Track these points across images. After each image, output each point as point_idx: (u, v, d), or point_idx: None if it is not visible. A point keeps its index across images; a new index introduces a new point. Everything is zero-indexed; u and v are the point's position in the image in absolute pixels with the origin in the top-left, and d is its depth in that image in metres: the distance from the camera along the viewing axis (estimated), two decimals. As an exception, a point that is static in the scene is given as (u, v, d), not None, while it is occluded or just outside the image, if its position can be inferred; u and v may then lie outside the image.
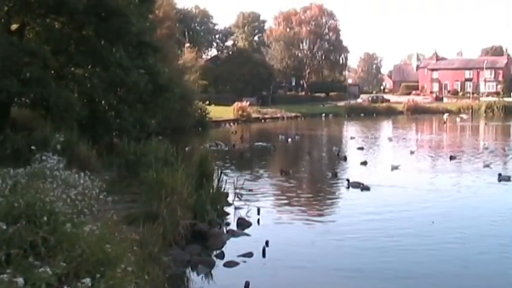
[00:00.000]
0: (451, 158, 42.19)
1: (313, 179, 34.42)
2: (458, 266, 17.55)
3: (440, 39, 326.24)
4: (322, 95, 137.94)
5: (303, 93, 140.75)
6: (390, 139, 60.22)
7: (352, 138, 62.44)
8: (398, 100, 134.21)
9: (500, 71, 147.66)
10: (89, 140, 26.61)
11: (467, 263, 17.81)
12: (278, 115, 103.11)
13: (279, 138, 60.62)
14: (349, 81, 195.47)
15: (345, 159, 42.66)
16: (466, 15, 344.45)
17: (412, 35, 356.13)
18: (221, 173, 27.17)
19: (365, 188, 30.16)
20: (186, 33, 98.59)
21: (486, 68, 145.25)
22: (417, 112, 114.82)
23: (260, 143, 55.26)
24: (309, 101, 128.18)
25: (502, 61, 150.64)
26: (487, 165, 37.80)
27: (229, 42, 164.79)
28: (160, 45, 39.51)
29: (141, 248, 14.00)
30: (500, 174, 32.77)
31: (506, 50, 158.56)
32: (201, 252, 18.10)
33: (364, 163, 39.71)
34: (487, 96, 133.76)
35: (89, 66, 33.02)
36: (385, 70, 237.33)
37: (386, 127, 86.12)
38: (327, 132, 74.13)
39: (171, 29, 71.45)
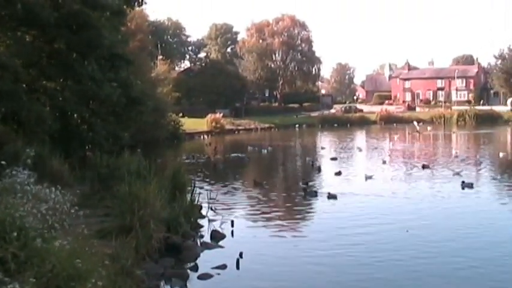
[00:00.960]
0: (424, 166, 42.50)
1: (287, 190, 34.41)
2: (436, 275, 17.66)
3: (411, 49, 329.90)
4: (296, 105, 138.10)
5: (277, 104, 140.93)
6: (360, 149, 60.53)
7: (322, 148, 62.79)
8: (371, 110, 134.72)
9: (472, 80, 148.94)
10: (62, 153, 26.41)
11: (444, 270, 17.97)
12: (252, 126, 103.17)
13: (253, 149, 60.67)
14: (323, 91, 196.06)
15: (319, 169, 42.72)
16: (436, 24, 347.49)
17: (384, 45, 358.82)
18: (194, 185, 27.17)
19: (332, 196, 30.52)
20: (159, 45, 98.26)
21: (457, 77, 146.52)
22: (390, 122, 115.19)
23: (235, 154, 55.43)
24: (282, 112, 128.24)
25: (473, 70, 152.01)
26: (457, 173, 38.24)
27: (202, 54, 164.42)
28: (133, 58, 39.44)
29: (114, 262, 13.91)
30: (463, 182, 33.62)
31: (477, 59, 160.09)
32: (175, 265, 18.03)
33: (339, 173, 39.77)
34: (465, 103, 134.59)
35: (61, 80, 32.93)
36: (358, 80, 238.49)
37: (359, 137, 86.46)
38: (300, 143, 74.18)
39: (143, 42, 71.43)
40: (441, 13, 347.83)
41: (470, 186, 32.93)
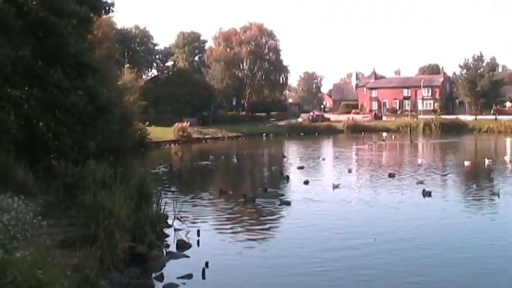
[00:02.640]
0: (390, 175, 42.91)
1: (252, 198, 34.34)
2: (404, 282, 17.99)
3: (378, 58, 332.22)
4: (263, 114, 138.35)
5: (244, 113, 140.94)
6: (326, 158, 60.82)
7: (290, 157, 62.85)
8: (338, 119, 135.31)
9: (437, 89, 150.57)
10: (26, 162, 26.19)
11: (410, 276, 18.23)
12: (219, 135, 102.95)
13: (214, 157, 60.68)
14: (290, 100, 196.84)
15: (288, 178, 42.77)
16: (403, 33, 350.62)
17: (351, 53, 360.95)
18: (161, 194, 27.07)
19: (284, 202, 31.48)
20: (126, 53, 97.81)
21: (423, 87, 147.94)
22: (357, 131, 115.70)
23: (204, 162, 55.50)
24: (249, 120, 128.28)
25: (439, 79, 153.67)
26: (421, 182, 38.80)
27: (169, 63, 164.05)
28: (100, 66, 39.25)
29: (78, 273, 13.78)
30: (424, 190, 34.46)
31: (443, 68, 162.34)
32: (140, 275, 17.92)
33: (306, 182, 39.90)
34: (431, 113, 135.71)
35: (26, 88, 32.62)
36: (325, 89, 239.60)
37: (326, 146, 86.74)
38: (268, 152, 74.31)
39: (110, 50, 70.95)
40: (407, 22, 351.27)
41: (429, 194, 33.78)
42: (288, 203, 31.44)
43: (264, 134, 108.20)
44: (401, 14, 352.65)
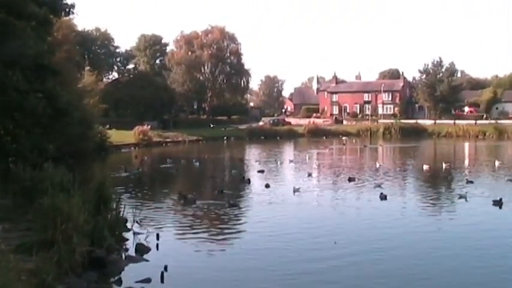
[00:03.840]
0: (350, 179, 43.20)
1: (213, 203, 34.27)
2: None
3: (339, 62, 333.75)
4: (224, 118, 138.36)
5: (205, 116, 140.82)
6: (287, 162, 61.11)
7: (245, 160, 62.99)
8: (299, 123, 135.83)
9: (397, 94, 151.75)
10: (-17, 166, 25.90)
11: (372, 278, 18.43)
12: (180, 139, 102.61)
13: (172, 161, 60.59)
14: (251, 104, 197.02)
15: (249, 182, 42.80)
16: (364, 38, 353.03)
17: (313, 58, 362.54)
18: (120, 198, 26.92)
19: (233, 204, 31.91)
20: (86, 56, 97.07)
21: (384, 91, 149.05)
22: (318, 134, 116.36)
23: (164, 165, 55.41)
24: (210, 124, 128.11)
25: (399, 84, 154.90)
26: (378, 186, 39.49)
27: (130, 66, 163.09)
28: (59, 69, 38.84)
29: (34, 277, 13.67)
30: (381, 193, 35.01)
31: (403, 73, 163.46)
32: (99, 280, 17.84)
33: (267, 186, 39.99)
34: (391, 117, 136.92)
35: (-16, 90, 32.17)
36: (286, 93, 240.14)
37: (287, 150, 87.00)
38: (229, 156, 74.31)
39: (70, 52, 70.32)
40: (367, 27, 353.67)
41: (386, 198, 34.29)
42: (236, 205, 31.64)
43: (225, 138, 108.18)
44: (361, 19, 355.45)
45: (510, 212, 30.39)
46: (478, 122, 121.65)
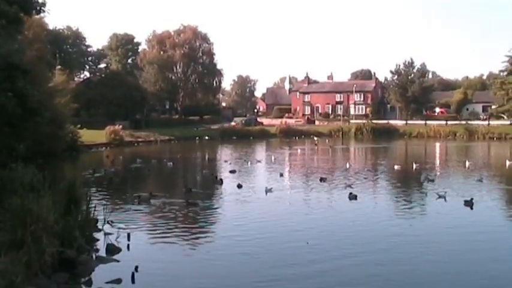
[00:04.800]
0: (321, 179, 43.33)
1: (183, 202, 34.07)
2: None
3: (312, 63, 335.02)
4: (196, 118, 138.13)
5: (177, 116, 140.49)
6: (259, 162, 61.20)
7: (216, 160, 62.90)
8: (271, 123, 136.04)
9: (369, 94, 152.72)
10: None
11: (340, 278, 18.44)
12: (151, 139, 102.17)
13: (151, 161, 60.42)
14: (223, 104, 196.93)
15: (221, 182, 42.70)
16: (336, 39, 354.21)
17: (285, 58, 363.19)
18: (90, 198, 26.76)
19: (193, 204, 32.16)
20: (58, 54, 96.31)
21: (356, 92, 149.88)
22: (290, 135, 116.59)
23: (135, 165, 55.26)
24: (182, 124, 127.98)
25: (371, 85, 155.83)
26: (349, 186, 39.79)
27: (102, 65, 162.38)
28: (30, 68, 38.47)
29: (2, 279, 13.52)
30: (350, 193, 35.36)
31: (375, 73, 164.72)
32: (69, 281, 17.73)
33: (239, 186, 39.96)
34: (363, 117, 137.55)
35: (-47, 89, 31.81)
36: (259, 93, 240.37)
37: (259, 150, 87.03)
38: (201, 156, 74.09)
39: (41, 51, 69.68)
40: (340, 27, 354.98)
41: (355, 198, 34.59)
42: (219, 206, 31.79)
43: (197, 138, 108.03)
44: (333, 19, 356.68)
45: (481, 212, 30.62)
46: (449, 122, 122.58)
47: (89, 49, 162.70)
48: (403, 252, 22.25)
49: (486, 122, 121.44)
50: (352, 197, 34.67)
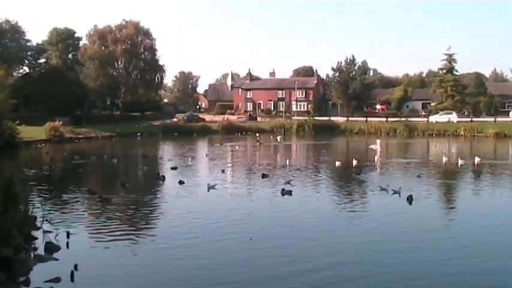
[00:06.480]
0: (263, 176, 43.51)
1: (123, 199, 33.84)
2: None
3: (254, 59, 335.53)
4: (138, 114, 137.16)
5: (118, 112, 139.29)
6: (200, 158, 61.11)
7: (165, 158, 62.56)
8: (213, 119, 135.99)
9: (311, 91, 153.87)
10: None
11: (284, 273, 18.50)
12: (92, 135, 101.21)
13: (79, 158, 59.93)
14: (165, 100, 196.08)
15: (163, 179, 42.45)
16: (278, 35, 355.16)
17: (228, 54, 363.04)
18: (29, 195, 26.34)
19: (103, 198, 32.24)
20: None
21: (298, 88, 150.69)
22: (232, 131, 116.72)
23: (74, 162, 54.80)
24: (124, 120, 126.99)
25: (312, 81, 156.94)
26: (288, 182, 39.91)
27: (42, 60, 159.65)
28: (-34, 63, 37.79)
29: None
30: (283, 189, 35.74)
31: (316, 70, 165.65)
32: (6, 280, 17.44)
33: (181, 182, 39.80)
34: (305, 114, 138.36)
35: None
36: (201, 89, 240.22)
37: (200, 147, 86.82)
38: (142, 152, 73.49)
39: (-22, 46, 68.52)
40: (282, 24, 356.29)
41: (289, 193, 35.05)
42: (161, 203, 31.68)
43: (138, 134, 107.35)
44: (276, 16, 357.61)
45: (419, 208, 31.09)
46: (389, 119, 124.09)
47: (28, 44, 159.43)
48: (331, 243, 23.11)
49: (426, 119, 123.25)
50: (287, 192, 35.07)
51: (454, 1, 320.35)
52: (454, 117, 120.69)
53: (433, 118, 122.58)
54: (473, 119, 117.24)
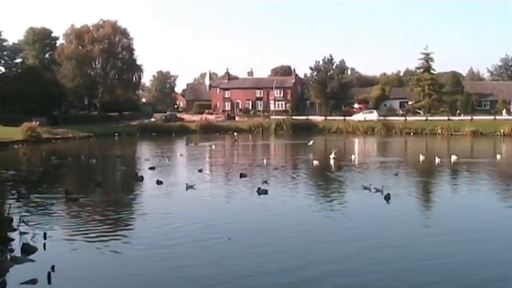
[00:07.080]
0: (241, 175, 43.58)
1: (101, 200, 33.77)
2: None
3: (232, 59, 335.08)
4: (116, 114, 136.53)
5: (96, 112, 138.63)
6: (178, 157, 61.16)
7: (144, 158, 62.37)
8: (191, 119, 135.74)
9: (289, 90, 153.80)
10: None
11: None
12: (70, 135, 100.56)
13: (55, 158, 59.65)
14: (143, 100, 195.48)
15: (142, 179, 42.37)
16: (256, 35, 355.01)
17: (205, 53, 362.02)
18: (5, 197, 26.22)
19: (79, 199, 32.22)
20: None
21: (276, 88, 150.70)
22: (210, 131, 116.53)
23: (53, 162, 54.60)
24: (101, 120, 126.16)
25: (290, 81, 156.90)
26: (265, 181, 40.20)
27: (18, 60, 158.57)
28: None
29: None
30: (259, 188, 36.02)
31: (294, 70, 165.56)
32: (-19, 282, 17.30)
33: (160, 182, 39.78)
34: (283, 113, 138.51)
35: None
36: (179, 89, 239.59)
37: (178, 146, 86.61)
38: (120, 153, 73.21)
39: (-47, 45, 68.05)
40: (260, 23, 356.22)
41: (265, 192, 35.32)
42: (139, 203, 31.63)
43: (116, 134, 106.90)
44: (253, 15, 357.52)
45: (396, 205, 31.38)
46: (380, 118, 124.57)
47: (4, 43, 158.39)
48: (308, 242, 23.26)
49: (403, 118, 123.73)
50: (262, 191, 35.24)
51: (431, 0, 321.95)
52: (374, 115, 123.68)
53: (355, 117, 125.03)
54: (451, 118, 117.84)
